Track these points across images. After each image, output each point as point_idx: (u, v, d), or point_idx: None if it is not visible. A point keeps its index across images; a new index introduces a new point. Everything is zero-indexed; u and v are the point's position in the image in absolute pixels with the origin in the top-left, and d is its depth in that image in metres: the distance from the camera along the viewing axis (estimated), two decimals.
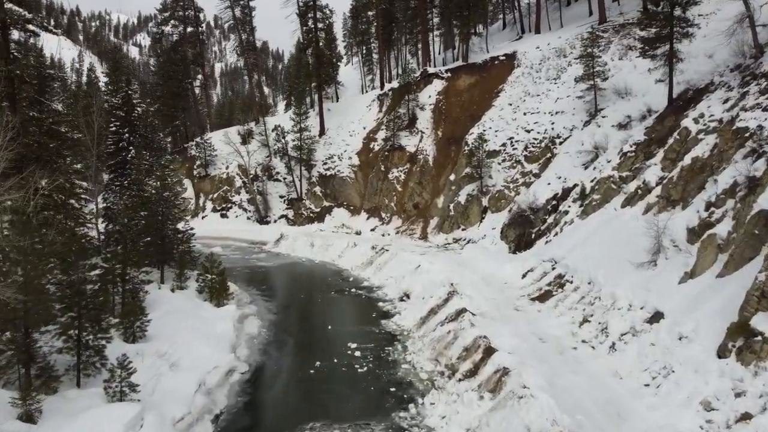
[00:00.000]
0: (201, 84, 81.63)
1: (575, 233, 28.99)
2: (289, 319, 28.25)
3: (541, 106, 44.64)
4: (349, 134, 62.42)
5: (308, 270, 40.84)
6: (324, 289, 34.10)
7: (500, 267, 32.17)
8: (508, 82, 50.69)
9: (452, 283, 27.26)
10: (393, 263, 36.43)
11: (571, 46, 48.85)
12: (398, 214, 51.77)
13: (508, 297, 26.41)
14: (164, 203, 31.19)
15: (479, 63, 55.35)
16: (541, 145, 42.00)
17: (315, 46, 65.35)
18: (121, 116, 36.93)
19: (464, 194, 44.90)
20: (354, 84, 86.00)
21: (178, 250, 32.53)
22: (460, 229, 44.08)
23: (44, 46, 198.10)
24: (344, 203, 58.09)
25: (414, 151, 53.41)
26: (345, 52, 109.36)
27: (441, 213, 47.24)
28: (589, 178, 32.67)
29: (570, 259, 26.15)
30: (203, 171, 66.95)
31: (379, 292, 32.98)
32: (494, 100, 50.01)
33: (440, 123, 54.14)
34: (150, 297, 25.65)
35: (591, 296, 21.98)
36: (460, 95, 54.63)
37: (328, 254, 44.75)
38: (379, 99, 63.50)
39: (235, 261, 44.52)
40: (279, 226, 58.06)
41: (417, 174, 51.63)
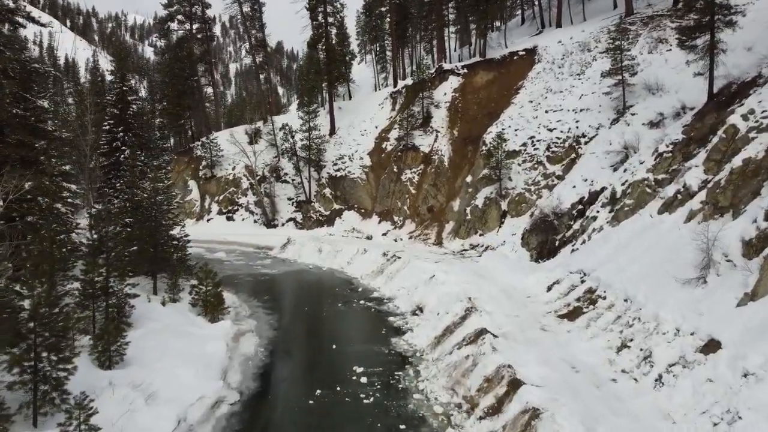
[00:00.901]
0: (209, 82, 79.52)
1: (606, 242, 26.42)
2: (290, 336, 25.90)
3: (565, 103, 42.07)
4: (360, 133, 60.08)
5: (315, 278, 38.52)
6: (330, 301, 31.76)
7: (522, 278, 29.70)
8: (529, 79, 48.18)
9: (470, 297, 24.82)
10: (405, 272, 34.02)
11: (595, 40, 46.28)
12: (411, 218, 49.35)
13: (532, 313, 23.89)
14: (157, 208, 28.96)
15: (497, 58, 52.87)
16: (564, 144, 39.41)
17: (325, 42, 63.03)
18: (115, 114, 34.85)
19: (482, 197, 42.42)
20: (367, 83, 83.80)
21: (173, 258, 30.39)
22: (478, 234, 41.57)
23: (59, 46, 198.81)
24: (355, 206, 55.74)
25: (428, 152, 50.99)
26: (358, 51, 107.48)
27: (457, 217, 44.77)
28: (620, 180, 30.07)
29: (602, 272, 23.60)
30: (209, 172, 64.95)
31: (389, 304, 30.57)
32: (513, 97, 47.53)
33: (456, 121, 51.71)
34: (137, 312, 23.44)
35: (629, 316, 19.42)
36: (477, 92, 52.21)
37: (336, 261, 42.43)
38: (392, 97, 61.13)
39: (239, 268, 42.36)
40: (287, 230, 55.90)
41: (431, 175, 49.21)
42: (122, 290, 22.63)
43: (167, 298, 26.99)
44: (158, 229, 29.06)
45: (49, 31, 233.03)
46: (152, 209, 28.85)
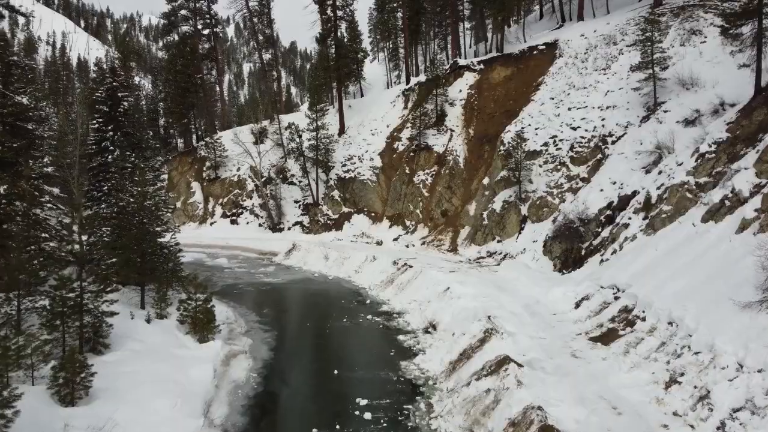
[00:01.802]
0: (215, 80, 77.37)
1: (642, 253, 23.76)
2: (288, 358, 23.42)
3: (589, 100, 39.44)
4: (371, 133, 57.59)
5: (320, 289, 36.07)
6: (335, 315, 29.32)
7: (546, 291, 27.09)
8: (549, 74, 45.55)
9: (489, 316, 22.24)
10: (417, 283, 31.51)
11: (622, 33, 43.62)
12: (424, 223, 46.82)
13: (560, 335, 21.28)
14: (145, 213, 26.63)
15: (516, 53, 50.32)
16: (589, 144, 36.76)
17: (334, 36, 60.58)
18: (104, 112, 32.60)
19: (500, 201, 39.86)
20: (379, 81, 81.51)
21: (163, 269, 28.11)
22: (495, 240, 39.00)
23: (73, 46, 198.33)
24: (365, 209, 53.25)
25: (442, 152, 48.45)
26: (371, 49, 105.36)
27: (473, 222, 42.19)
28: (655, 184, 27.41)
29: (639, 288, 20.95)
30: (213, 173, 62.80)
31: (399, 320, 28.07)
32: (533, 94, 44.91)
33: (472, 120, 49.19)
34: (116, 331, 21.19)
35: (676, 344, 16.78)
36: (494, 89, 49.67)
37: (343, 269, 39.99)
38: (404, 94, 58.62)
39: (240, 276, 40.07)
40: (293, 234, 53.58)
41: (446, 177, 46.66)
42: (98, 307, 20.33)
43: (153, 314, 24.68)
44: (146, 236, 26.70)
45: (62, 31, 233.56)
46: (139, 215, 26.51)
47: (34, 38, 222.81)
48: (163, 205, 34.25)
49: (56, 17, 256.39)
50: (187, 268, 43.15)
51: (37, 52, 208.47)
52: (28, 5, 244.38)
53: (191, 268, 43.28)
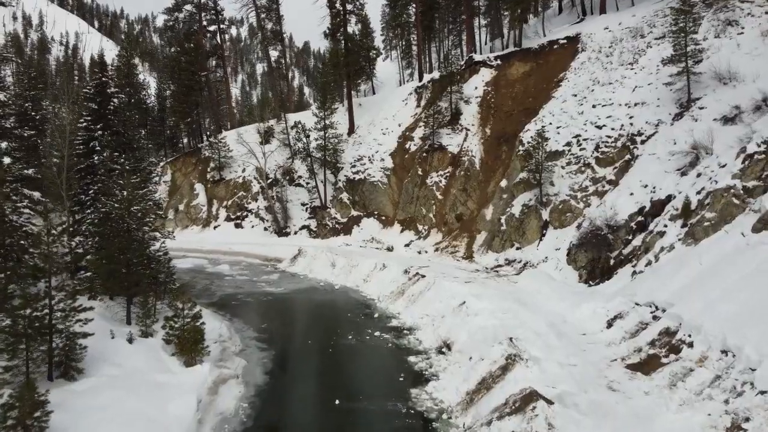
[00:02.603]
0: (222, 78, 75.31)
1: (683, 266, 21.24)
2: (285, 383, 21.09)
3: (615, 97, 36.93)
4: (381, 132, 55.20)
5: (325, 300, 33.74)
6: (341, 330, 27.00)
7: (573, 307, 24.65)
8: (571, 70, 43.07)
9: (511, 338, 19.81)
10: (430, 295, 29.09)
11: (649, 25, 41.11)
12: (438, 227, 44.37)
13: (592, 361, 18.84)
14: (131, 219, 24.43)
15: (535, 48, 47.87)
16: (616, 144, 34.26)
17: (344, 30, 58.20)
18: (93, 109, 30.48)
19: (519, 204, 37.42)
20: (392, 79, 79.12)
21: (153, 279, 25.95)
22: (514, 247, 36.55)
23: (86, 47, 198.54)
24: (375, 213, 50.86)
25: (457, 152, 46.01)
26: (383, 47, 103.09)
27: (490, 227, 39.72)
28: (694, 188, 24.89)
29: (682, 307, 18.46)
30: (217, 174, 60.70)
31: (410, 337, 25.66)
32: (554, 90, 42.47)
33: (488, 118, 46.74)
34: (94, 352, 19.03)
35: (735, 379, 14.31)
36: (512, 86, 47.20)
37: (351, 277, 37.65)
38: (417, 92, 56.19)
39: (241, 285, 37.86)
40: (299, 239, 51.30)
41: (461, 179, 44.21)
42: (69, 327, 18.14)
43: (138, 332, 22.46)
44: (132, 245, 24.49)
45: (76, 32, 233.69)
46: (125, 221, 24.31)
47: (47, 39, 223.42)
48: (153, 210, 32.24)
49: (70, 18, 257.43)
50: (186, 276, 41.42)
51: (50, 53, 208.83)
52: (42, 6, 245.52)
53: (190, 275, 41.50)
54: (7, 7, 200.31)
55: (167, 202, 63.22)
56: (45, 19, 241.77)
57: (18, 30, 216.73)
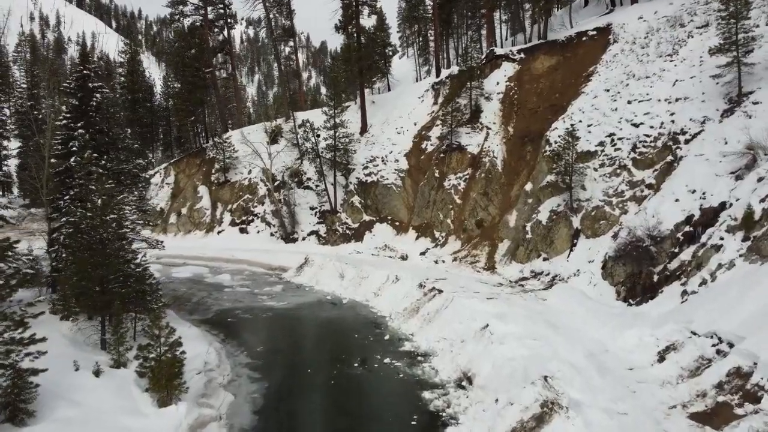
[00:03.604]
0: (229, 75, 72.52)
1: (751, 288, 17.97)
2: (276, 427, 17.96)
3: (654, 92, 33.63)
4: (396, 131, 52.02)
5: (331, 317, 30.62)
6: (347, 355, 23.99)
7: (614, 332, 21.41)
8: (602, 63, 39.80)
9: (546, 377, 16.59)
10: (447, 314, 25.92)
11: (689, 13, 37.84)
12: (456, 234, 41.13)
13: (646, 407, 15.62)
14: (106, 230, 21.52)
15: (562, 40, 44.71)
16: (656, 143, 30.97)
17: (356, 23, 55.04)
18: (74, 106, 27.68)
19: (546, 210, 34.21)
20: (408, 77, 76.28)
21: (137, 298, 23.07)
22: (541, 258, 33.31)
23: (104, 46, 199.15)
24: (388, 218, 47.68)
25: (477, 153, 42.78)
26: (399, 44, 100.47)
27: (514, 235, 36.46)
28: (756, 194, 21.63)
29: (758, 342, 15.18)
30: (222, 176, 57.82)
31: (425, 365, 22.51)
32: (584, 85, 39.22)
33: (511, 116, 43.52)
34: (51, 387, 16.44)
35: None
36: (536, 81, 43.98)
37: (360, 290, 34.54)
38: (434, 88, 52.98)
39: (240, 298, 34.89)
40: (307, 246, 48.25)
41: (481, 182, 40.97)
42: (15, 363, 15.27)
43: (109, 362, 19.57)
44: (108, 258, 21.58)
45: (92, 32, 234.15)
46: (98, 232, 21.39)
47: (64, 39, 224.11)
48: (143, 218, 29.42)
49: (87, 18, 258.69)
50: (183, 287, 38.63)
51: (66, 53, 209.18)
52: (60, 6, 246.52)
53: (187, 286, 38.72)
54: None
55: (170, 206, 60.53)
56: (63, 19, 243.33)
57: (35, 30, 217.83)
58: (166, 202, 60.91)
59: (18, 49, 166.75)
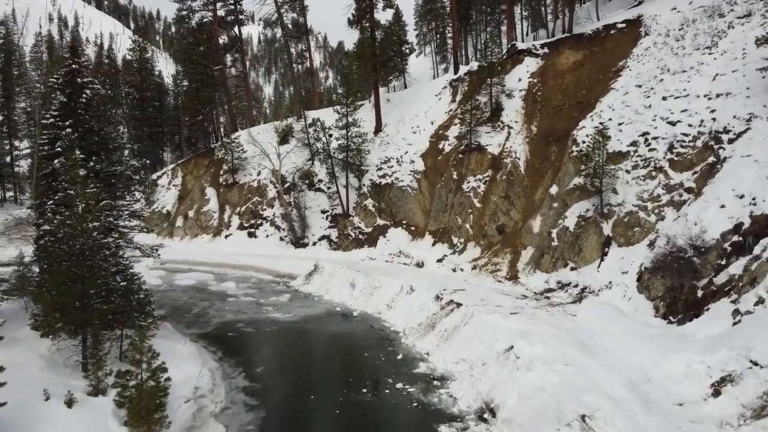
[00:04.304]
0: (240, 74, 70.56)
1: None
2: None
3: (691, 87, 31.17)
4: (411, 131, 49.66)
5: (340, 332, 28.38)
6: (355, 378, 21.81)
7: (656, 357, 18.99)
8: (633, 57, 37.32)
9: (584, 416, 14.23)
10: (467, 331, 23.62)
11: (728, 2, 35.24)
12: (476, 241, 38.72)
13: None
14: (87, 239, 19.46)
15: (588, 34, 42.32)
16: (695, 143, 28.46)
17: (370, 17, 52.73)
18: (62, 102, 25.70)
19: (573, 215, 31.79)
20: (425, 76, 73.87)
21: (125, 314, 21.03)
22: (568, 267, 30.89)
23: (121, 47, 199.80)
24: (403, 222, 45.32)
25: (498, 153, 40.38)
26: (417, 42, 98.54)
27: (538, 242, 34.03)
28: None
29: None
30: (230, 178, 55.79)
31: (442, 391, 20.23)
32: (613, 81, 36.80)
33: (534, 114, 41.11)
34: (15, 421, 14.21)
35: None
36: (561, 77, 41.55)
37: (373, 301, 32.31)
38: (452, 85, 50.57)
39: (244, 309, 32.84)
40: (318, 251, 46.05)
41: (502, 184, 38.56)
42: None
43: (87, 388, 17.47)
44: (90, 271, 19.51)
45: (110, 32, 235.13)
46: (79, 242, 19.33)
47: (81, 40, 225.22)
48: (132, 225, 27.38)
49: (105, 19, 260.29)
50: (184, 295, 36.58)
51: (84, 53, 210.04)
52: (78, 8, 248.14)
53: (189, 295, 36.73)
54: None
55: (176, 208, 58.63)
56: (81, 20, 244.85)
57: (53, 31, 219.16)
58: (173, 204, 59.04)
59: (34, 49, 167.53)
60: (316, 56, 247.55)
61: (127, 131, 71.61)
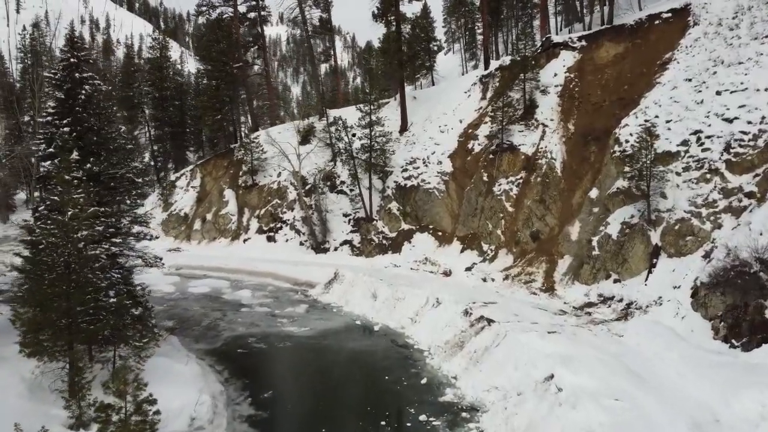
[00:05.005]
0: (262, 71, 68.64)
1: None
2: None
3: (750, 80, 28.40)
4: (439, 130, 47.15)
5: (359, 349, 26.07)
6: (373, 406, 19.59)
7: (724, 393, 16.35)
8: (681, 48, 34.47)
9: None
10: (500, 354, 21.16)
11: None
12: (508, 248, 36.14)
13: None
14: (72, 250, 17.44)
15: (630, 25, 39.54)
16: (756, 142, 25.76)
17: (395, 9, 50.27)
18: (59, 99, 23.81)
19: (616, 222, 29.14)
20: (453, 73, 71.24)
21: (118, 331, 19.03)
22: (611, 279, 28.26)
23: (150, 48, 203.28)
24: (430, 227, 42.83)
25: (532, 153, 37.77)
26: (445, 40, 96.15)
27: (576, 250, 31.39)
28: None
29: None
30: (250, 179, 53.79)
31: (471, 426, 17.83)
32: (659, 75, 34.08)
33: (572, 111, 38.48)
34: None
35: None
36: (601, 71, 38.89)
37: (395, 314, 29.95)
38: (482, 82, 47.96)
39: (257, 321, 30.77)
40: (339, 257, 43.76)
41: (537, 187, 35.95)
42: None
43: (69, 419, 15.43)
44: (77, 286, 17.50)
45: (140, 33, 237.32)
46: (64, 254, 17.32)
47: (112, 41, 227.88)
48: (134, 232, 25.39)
49: (136, 20, 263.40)
50: (196, 305, 34.59)
51: (114, 54, 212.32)
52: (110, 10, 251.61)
53: (201, 304, 34.75)
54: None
55: (194, 211, 56.85)
56: (112, 22, 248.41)
57: (85, 33, 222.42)
58: (191, 206, 57.28)
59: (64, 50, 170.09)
60: (345, 56, 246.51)
61: (147, 131, 70.29)
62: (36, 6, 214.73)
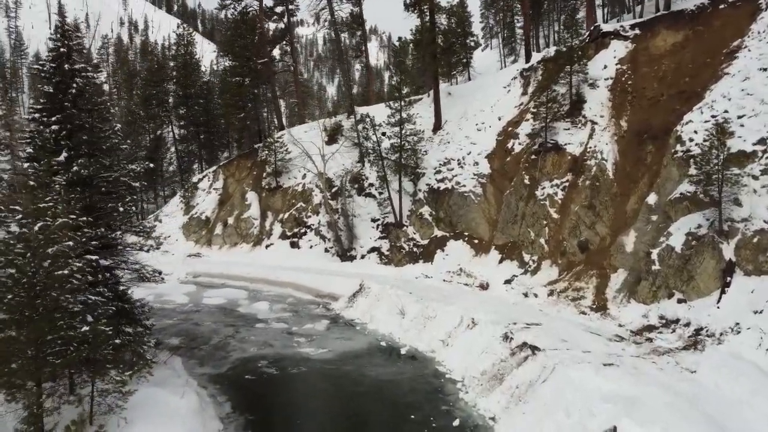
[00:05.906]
0: (289, 68, 66.02)
1: None
2: None
3: None
4: (476, 128, 43.83)
5: (383, 378, 22.94)
6: None
7: None
8: (752, 35, 30.69)
9: None
10: (547, 393, 17.86)
11: None
12: (552, 259, 32.71)
13: None
14: (40, 266, 14.77)
15: (690, 10, 35.77)
16: None
17: (429, 1, 47.02)
18: (48, 93, 21.29)
19: (680, 232, 25.51)
20: (492, 69, 67.72)
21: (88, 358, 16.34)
22: (674, 298, 24.68)
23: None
24: (465, 234, 39.54)
25: (580, 153, 34.30)
26: (482, 36, 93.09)
27: (632, 263, 27.84)
28: None
29: None
30: (273, 181, 51.16)
31: None
32: (726, 65, 30.29)
33: (624, 107, 34.88)
34: None
35: None
36: (657, 62, 35.21)
37: (425, 335, 26.79)
38: (523, 76, 44.52)
39: (272, 339, 27.98)
40: (366, 265, 40.73)
41: (585, 191, 32.45)
42: None
43: None
44: (47, 309, 14.83)
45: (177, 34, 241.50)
46: (28, 275, 14.65)
47: (150, 42, 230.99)
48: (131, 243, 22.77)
49: (174, 22, 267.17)
50: (208, 319, 31.90)
51: (151, 55, 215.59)
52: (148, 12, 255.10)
53: (213, 318, 32.08)
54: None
55: (216, 214, 54.42)
56: (151, 23, 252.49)
57: (123, 35, 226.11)
58: (212, 210, 54.91)
59: (101, 51, 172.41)
60: (380, 56, 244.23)
61: (171, 130, 68.46)
62: (77, 9, 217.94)
